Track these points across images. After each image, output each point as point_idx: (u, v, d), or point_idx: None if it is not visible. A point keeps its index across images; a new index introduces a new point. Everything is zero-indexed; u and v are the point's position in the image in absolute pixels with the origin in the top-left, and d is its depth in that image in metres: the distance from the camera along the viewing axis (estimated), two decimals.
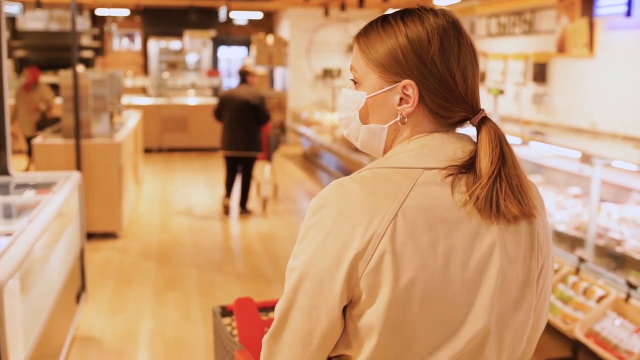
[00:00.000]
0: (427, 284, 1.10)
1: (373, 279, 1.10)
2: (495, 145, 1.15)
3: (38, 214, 3.12)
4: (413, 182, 1.13)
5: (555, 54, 8.74)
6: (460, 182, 1.14)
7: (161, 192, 8.78)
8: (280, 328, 1.19)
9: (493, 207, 1.13)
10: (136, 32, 15.71)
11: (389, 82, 1.19)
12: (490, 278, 1.14)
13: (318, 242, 1.13)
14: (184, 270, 5.58)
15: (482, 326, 1.14)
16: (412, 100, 1.18)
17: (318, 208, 1.15)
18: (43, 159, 6.25)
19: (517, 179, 1.15)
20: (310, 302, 1.14)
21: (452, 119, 1.20)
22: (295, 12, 13.46)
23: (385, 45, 1.19)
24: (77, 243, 4.05)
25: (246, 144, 7.29)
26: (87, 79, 6.29)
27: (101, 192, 6.35)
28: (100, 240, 6.39)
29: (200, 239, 6.53)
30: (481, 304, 1.14)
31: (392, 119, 1.21)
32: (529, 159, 6.12)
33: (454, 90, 1.17)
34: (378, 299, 1.10)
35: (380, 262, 1.09)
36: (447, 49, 1.16)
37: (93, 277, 5.31)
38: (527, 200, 1.16)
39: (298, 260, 1.16)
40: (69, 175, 4.03)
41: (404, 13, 1.21)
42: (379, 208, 1.11)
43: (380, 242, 1.09)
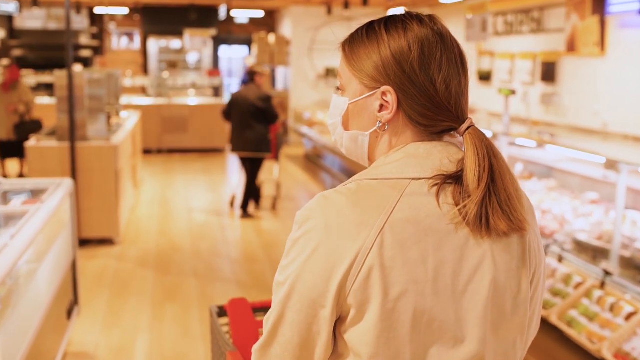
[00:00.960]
0: (418, 298, 1.08)
1: (362, 294, 1.08)
2: (483, 158, 1.12)
3: (23, 226, 2.88)
4: (400, 194, 1.11)
5: (564, 53, 8.53)
6: (447, 193, 1.12)
7: (160, 195, 8.54)
8: (270, 341, 1.17)
9: (483, 223, 1.11)
10: (135, 30, 15.48)
11: (370, 89, 1.19)
12: (482, 290, 1.12)
13: (305, 257, 1.11)
14: (184, 280, 5.34)
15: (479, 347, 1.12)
16: (390, 107, 1.17)
17: (303, 221, 1.13)
18: (37, 162, 6.00)
19: (505, 193, 1.13)
20: (300, 317, 1.12)
21: (435, 127, 1.18)
22: (297, 11, 13.23)
23: (367, 53, 1.19)
24: (68, 254, 3.80)
25: (254, 145, 7.27)
26: (83, 79, 6.05)
27: (97, 196, 6.11)
28: (96, 246, 6.15)
29: (201, 246, 6.29)
30: (474, 317, 1.12)
31: (373, 126, 1.20)
32: (542, 161, 5.89)
33: (434, 98, 1.15)
34: (367, 315, 1.08)
35: (369, 276, 1.07)
36: (427, 55, 1.15)
37: (88, 287, 5.07)
38: (517, 214, 1.14)
39: (285, 274, 1.14)
40: (60, 182, 3.79)
41: (389, 20, 1.21)
42: (366, 221, 1.09)
43: (367, 256, 1.07)
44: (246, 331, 1.95)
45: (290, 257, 1.14)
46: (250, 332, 1.95)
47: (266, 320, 1.18)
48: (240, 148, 7.32)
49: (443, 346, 1.11)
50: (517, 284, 1.17)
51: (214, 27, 14.98)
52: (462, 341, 1.11)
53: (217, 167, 10.87)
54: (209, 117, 12.16)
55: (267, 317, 1.18)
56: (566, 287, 3.81)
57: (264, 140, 7.31)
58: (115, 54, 15.42)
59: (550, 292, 3.87)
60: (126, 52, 15.56)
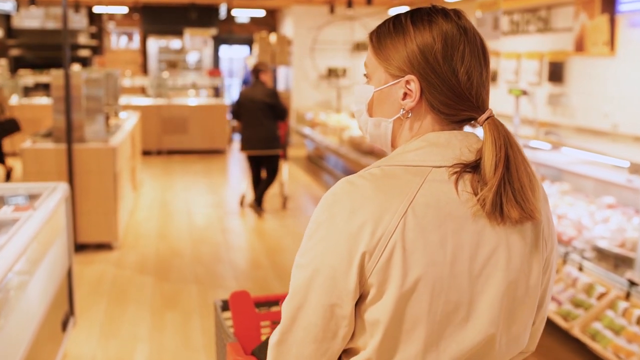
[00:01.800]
0: (436, 280, 1.13)
1: (383, 274, 1.12)
2: (500, 148, 1.16)
3: (13, 235, 2.69)
4: (422, 180, 1.16)
5: (572, 53, 8.36)
6: (466, 181, 1.17)
7: (160, 198, 8.34)
8: (290, 327, 1.19)
9: (497, 211, 1.15)
10: (135, 30, 15.28)
11: (394, 77, 1.24)
12: (496, 274, 1.17)
13: (329, 239, 1.15)
14: (184, 286, 5.15)
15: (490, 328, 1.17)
16: (414, 95, 1.21)
17: (328, 205, 1.17)
18: (32, 164, 5.80)
19: (518, 183, 1.16)
20: (324, 299, 1.15)
21: (456, 116, 1.22)
22: (299, 10, 13.04)
23: (393, 43, 1.24)
24: (63, 263, 3.61)
25: (266, 142, 7.27)
26: (80, 79, 5.85)
27: (95, 200, 5.92)
28: (94, 252, 5.95)
29: (202, 251, 6.09)
30: (488, 300, 1.17)
31: (396, 113, 1.25)
32: (554, 164, 5.70)
33: (456, 88, 1.20)
34: (387, 294, 1.13)
35: (390, 258, 1.12)
36: (450, 47, 1.19)
37: (84, 294, 4.88)
38: (529, 204, 1.17)
39: (308, 257, 1.17)
40: (55, 186, 3.59)
41: (415, 13, 1.25)
42: (389, 205, 1.13)
43: (390, 238, 1.12)
44: (247, 323, 1.96)
45: (314, 239, 1.18)
46: (251, 324, 1.96)
47: (285, 308, 1.20)
48: (252, 146, 7.30)
49: (457, 326, 1.16)
50: (529, 270, 1.21)
51: (214, 27, 14.78)
52: (474, 322, 1.16)
53: (217, 168, 10.68)
54: (210, 118, 11.97)
55: (287, 302, 1.20)
56: (588, 297, 3.62)
57: (276, 136, 7.34)
58: (115, 53, 15.23)
59: (571, 302, 3.68)
60: (125, 51, 15.36)
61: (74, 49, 13.32)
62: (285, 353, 1.21)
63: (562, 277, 3.93)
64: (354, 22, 12.70)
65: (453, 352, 1.17)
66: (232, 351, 1.80)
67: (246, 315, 1.97)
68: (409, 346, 1.16)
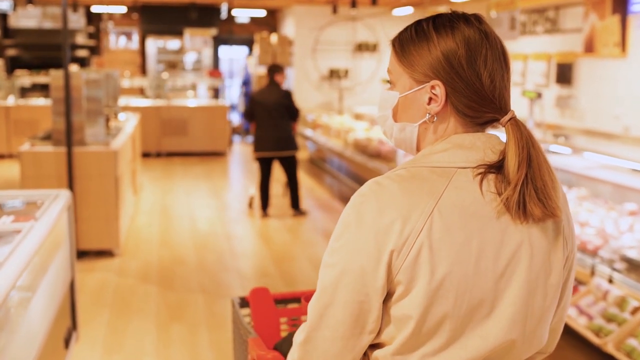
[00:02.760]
0: (461, 278, 1.16)
1: (410, 272, 1.16)
2: (522, 148, 1.20)
3: (15, 249, 2.49)
4: (448, 181, 1.19)
5: (582, 54, 8.19)
6: (490, 182, 1.20)
7: (161, 202, 8.13)
8: (317, 325, 1.22)
9: (520, 209, 1.18)
10: (133, 30, 15.07)
11: (419, 83, 1.26)
12: (519, 273, 1.20)
13: (358, 238, 1.18)
14: (190, 297, 4.94)
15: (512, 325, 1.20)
16: (439, 100, 1.25)
17: (356, 206, 1.21)
18: (30, 168, 5.60)
19: (541, 182, 1.20)
20: (351, 297, 1.18)
21: (480, 119, 1.26)
22: (300, 10, 12.85)
23: (417, 50, 1.27)
24: (66, 276, 3.41)
25: (281, 143, 7.19)
26: (81, 80, 5.65)
27: (96, 205, 5.71)
28: (95, 259, 5.75)
29: (206, 258, 5.89)
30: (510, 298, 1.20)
31: (422, 118, 1.28)
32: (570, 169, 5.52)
33: (480, 91, 1.23)
34: (414, 291, 1.16)
35: (418, 256, 1.15)
36: (473, 52, 1.23)
37: (86, 305, 4.67)
38: (551, 202, 1.20)
39: (336, 256, 1.20)
40: (57, 194, 3.39)
41: (437, 20, 1.28)
42: (417, 205, 1.17)
43: (418, 237, 1.15)
44: (268, 319, 1.98)
45: (342, 239, 1.21)
46: (272, 320, 1.98)
47: (312, 306, 1.23)
48: (267, 148, 7.20)
49: (480, 323, 1.19)
50: (550, 268, 1.25)
51: (214, 27, 14.58)
52: (497, 319, 1.20)
53: (218, 171, 10.47)
54: (210, 119, 11.76)
55: (314, 301, 1.23)
56: (621, 312, 3.43)
57: (291, 137, 7.29)
58: (113, 53, 15.01)
59: (603, 317, 3.49)
60: (124, 52, 15.15)
61: (72, 49, 13.10)
62: (311, 351, 1.24)
63: (592, 290, 3.74)
64: (356, 22, 12.52)
65: (475, 348, 1.20)
66: (254, 346, 1.79)
67: (266, 312, 1.98)
68: (433, 341, 1.19)
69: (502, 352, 1.23)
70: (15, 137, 11.03)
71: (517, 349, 1.24)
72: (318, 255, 6.00)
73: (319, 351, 1.23)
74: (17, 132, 11.12)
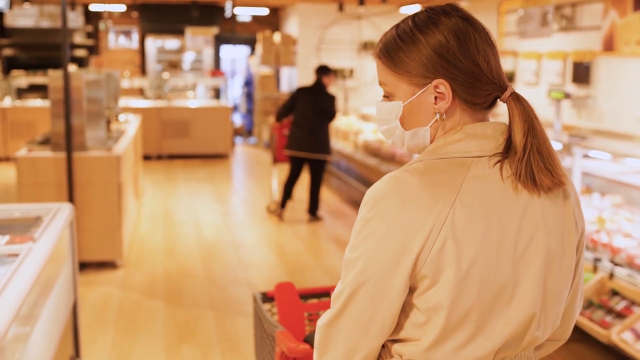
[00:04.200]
0: (485, 265, 1.19)
1: (436, 265, 1.18)
2: (526, 119, 1.24)
3: (10, 279, 2.14)
4: (466, 171, 1.22)
5: (600, 53, 7.87)
6: (506, 167, 1.23)
7: (164, 207, 7.78)
8: (339, 315, 1.25)
9: (531, 180, 1.22)
10: (133, 29, 14.70)
11: (420, 86, 1.27)
12: (537, 256, 1.24)
13: (380, 233, 1.19)
14: (199, 313, 4.60)
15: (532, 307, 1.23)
16: (447, 97, 1.26)
17: (377, 201, 1.21)
18: (28, 175, 5.25)
19: (546, 151, 1.24)
20: (374, 291, 1.20)
21: (486, 103, 1.29)
22: (304, 8, 12.51)
23: (407, 55, 1.27)
24: (68, 300, 3.06)
25: (316, 145, 6.93)
26: (81, 80, 5.31)
27: (97, 214, 5.37)
28: (97, 271, 5.40)
29: (215, 269, 5.54)
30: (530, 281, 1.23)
31: (432, 119, 1.28)
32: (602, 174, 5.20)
33: (480, 77, 1.25)
34: (440, 283, 1.18)
35: (442, 248, 1.17)
36: (464, 41, 1.24)
37: (89, 323, 4.33)
38: (558, 170, 1.25)
39: (358, 251, 1.22)
40: (58, 208, 3.05)
41: (415, 19, 1.29)
42: (438, 197, 1.18)
43: (441, 229, 1.17)
44: (293, 313, 1.97)
45: (363, 235, 1.22)
46: (298, 314, 1.98)
47: (336, 296, 1.26)
48: (304, 148, 6.93)
49: (502, 308, 1.22)
50: (563, 251, 1.28)
51: (216, 26, 14.22)
52: (518, 303, 1.22)
53: (222, 174, 10.13)
54: (212, 121, 11.41)
55: (338, 293, 1.26)
56: None
57: (327, 141, 7.06)
58: (112, 53, 14.65)
59: None
60: (123, 51, 14.78)
61: (70, 48, 12.75)
62: (333, 336, 1.26)
63: None
64: (361, 21, 12.18)
65: (499, 335, 1.22)
66: (283, 339, 1.78)
67: (292, 306, 1.98)
68: (459, 334, 1.20)
69: (522, 334, 1.24)
70: (11, 139, 10.73)
71: (535, 330, 1.25)
72: (333, 265, 5.66)
73: (341, 337, 1.25)
74: (13, 134, 10.82)
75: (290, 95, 7.24)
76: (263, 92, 12.65)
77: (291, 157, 7.11)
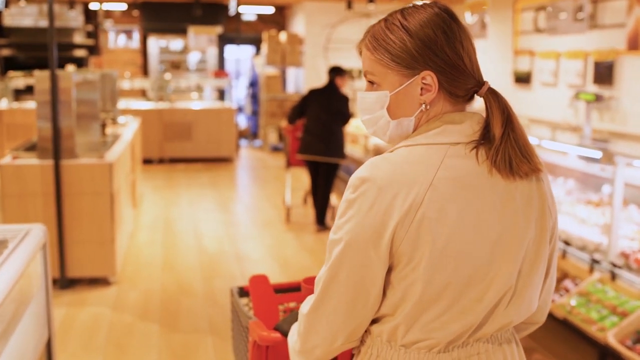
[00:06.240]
0: (460, 246, 1.26)
1: (413, 243, 1.25)
2: (503, 111, 1.32)
3: None
4: (443, 156, 1.28)
5: (625, 52, 7.42)
6: (482, 152, 1.30)
7: (163, 216, 7.34)
8: (323, 297, 1.31)
9: (507, 167, 1.29)
10: (134, 28, 14.28)
11: (408, 77, 1.33)
12: (512, 239, 1.31)
13: (362, 214, 1.26)
14: (198, 338, 4.16)
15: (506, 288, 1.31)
16: (433, 88, 1.33)
17: (359, 184, 1.28)
18: (12, 185, 4.81)
19: (523, 140, 1.32)
20: (356, 270, 1.27)
21: (467, 95, 1.36)
22: (311, 6, 12.09)
23: (397, 46, 1.32)
24: (39, 338, 2.62)
25: (331, 149, 6.62)
26: (70, 81, 4.88)
27: (88, 226, 4.94)
28: (87, 288, 4.97)
29: (215, 287, 5.10)
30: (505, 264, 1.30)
31: (417, 109, 1.35)
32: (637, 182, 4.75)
33: (464, 70, 1.33)
34: (417, 261, 1.25)
35: (419, 228, 1.24)
36: (450, 36, 1.32)
37: (74, 350, 3.90)
38: (535, 157, 1.33)
39: (341, 232, 1.28)
40: (27, 230, 2.61)
41: (404, 13, 1.35)
42: (415, 179, 1.25)
43: (418, 210, 1.24)
44: (267, 304, 2.00)
45: (346, 216, 1.28)
46: (271, 306, 2.00)
47: (319, 279, 1.33)
48: (318, 152, 6.65)
49: (478, 286, 1.29)
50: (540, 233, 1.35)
51: (220, 25, 13.81)
52: (494, 282, 1.29)
53: (225, 179, 9.69)
54: (215, 123, 10.98)
55: (321, 275, 1.33)
56: None
57: (341, 144, 6.74)
58: (113, 53, 14.24)
59: None
60: (124, 51, 14.38)
61: (69, 48, 12.35)
62: (317, 321, 1.33)
63: None
64: (371, 19, 11.76)
65: (474, 312, 1.29)
66: (255, 328, 1.81)
67: (266, 298, 2.01)
68: (434, 309, 1.28)
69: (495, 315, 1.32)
70: (8, 142, 10.34)
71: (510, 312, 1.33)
72: None
73: (324, 321, 1.31)
74: (10, 137, 10.43)
75: (302, 97, 6.94)
76: (269, 93, 12.24)
77: (307, 163, 6.84)
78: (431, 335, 1.29)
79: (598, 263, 3.91)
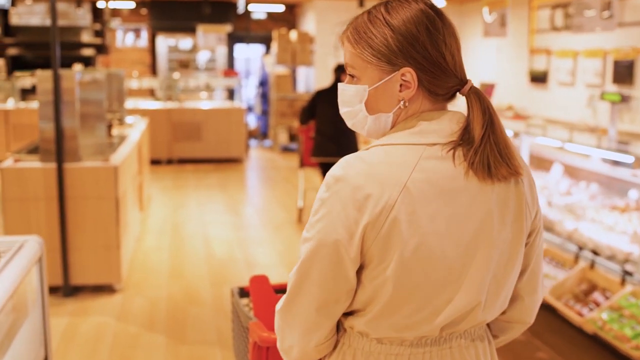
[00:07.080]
0: (431, 248, 1.24)
1: (384, 244, 1.24)
2: (485, 112, 1.30)
3: None
4: (418, 157, 1.26)
5: None
6: (459, 154, 1.28)
7: (171, 219, 7.15)
8: (295, 295, 1.31)
9: (486, 169, 1.27)
10: (143, 27, 14.12)
11: (388, 73, 1.31)
12: (485, 242, 1.29)
13: (334, 214, 1.25)
14: (206, 350, 3.96)
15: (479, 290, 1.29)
16: (412, 85, 1.31)
17: (332, 183, 1.27)
18: (14, 189, 4.63)
19: (503, 143, 1.30)
20: (327, 268, 1.26)
21: (447, 94, 1.34)
22: (322, 4, 11.88)
23: (378, 41, 1.30)
24: (34, 357, 2.43)
25: (344, 149, 6.31)
26: (74, 81, 4.69)
27: (93, 231, 4.75)
28: (91, 296, 4.78)
29: (224, 295, 4.90)
30: (477, 266, 1.29)
31: (395, 105, 1.33)
32: None
33: (446, 69, 1.30)
34: (387, 262, 1.24)
35: (392, 228, 1.22)
36: (433, 33, 1.29)
37: None
38: (514, 160, 1.30)
39: (313, 231, 1.28)
40: (22, 242, 2.42)
41: (387, 6, 1.32)
42: (389, 180, 1.24)
43: (391, 211, 1.22)
44: (267, 304, 1.99)
45: (319, 214, 1.27)
46: (271, 306, 1.88)
47: (291, 277, 1.32)
48: (331, 153, 6.45)
49: (449, 288, 1.27)
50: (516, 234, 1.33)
51: (229, 23, 13.62)
52: (466, 285, 1.28)
53: (235, 180, 9.50)
54: (225, 123, 10.80)
55: (293, 272, 1.32)
56: None
57: (355, 143, 6.56)
58: (120, 52, 14.08)
59: None
60: (132, 50, 14.22)
61: (77, 47, 12.19)
62: (290, 318, 1.32)
63: None
64: None
65: (444, 313, 1.28)
66: (255, 329, 1.79)
67: (266, 298, 2.00)
68: (405, 308, 1.27)
69: (467, 314, 1.31)
70: (14, 142, 10.20)
71: (481, 311, 1.32)
72: None
73: (298, 318, 1.31)
74: (16, 137, 10.29)
75: (310, 98, 6.78)
76: (279, 92, 12.05)
77: (320, 165, 6.68)
78: (402, 334, 1.30)
79: (630, 275, 3.69)
